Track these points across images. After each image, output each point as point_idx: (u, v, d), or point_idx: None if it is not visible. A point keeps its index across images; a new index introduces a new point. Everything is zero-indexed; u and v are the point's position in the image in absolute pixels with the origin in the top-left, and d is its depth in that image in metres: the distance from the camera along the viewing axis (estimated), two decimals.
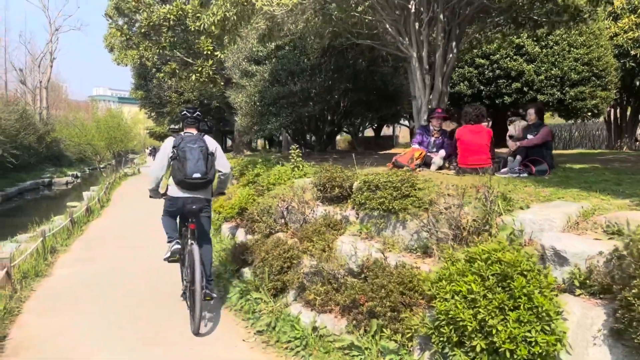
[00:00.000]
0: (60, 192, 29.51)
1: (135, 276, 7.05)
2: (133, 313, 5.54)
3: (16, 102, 33.31)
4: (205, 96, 25.32)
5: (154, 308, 5.71)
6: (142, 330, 5.03)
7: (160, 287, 6.47)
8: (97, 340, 4.75)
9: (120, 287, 6.54)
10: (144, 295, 6.17)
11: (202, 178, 5.04)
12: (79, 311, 5.55)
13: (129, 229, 11.12)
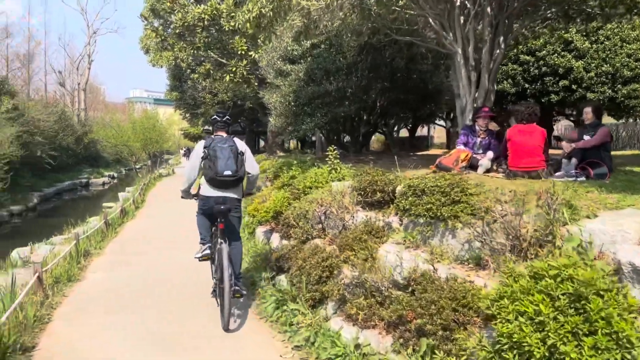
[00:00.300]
0: (97, 193, 29.99)
1: (169, 280, 6.85)
2: (166, 319, 5.31)
3: (55, 104, 34.07)
4: (239, 97, 25.27)
5: (188, 313, 5.47)
6: (177, 339, 4.78)
7: (194, 290, 6.24)
8: (129, 351, 4.52)
9: (154, 291, 6.34)
10: (178, 299, 5.96)
11: (232, 175, 5.22)
12: (111, 318, 5.36)
13: (163, 230, 11.01)
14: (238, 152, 5.36)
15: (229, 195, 5.35)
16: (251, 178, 5.73)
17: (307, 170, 8.54)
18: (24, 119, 21.32)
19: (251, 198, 10.62)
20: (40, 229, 15.18)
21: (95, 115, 47.84)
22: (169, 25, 19.53)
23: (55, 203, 23.58)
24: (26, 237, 13.84)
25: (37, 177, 24.70)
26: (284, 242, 6.98)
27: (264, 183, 12.12)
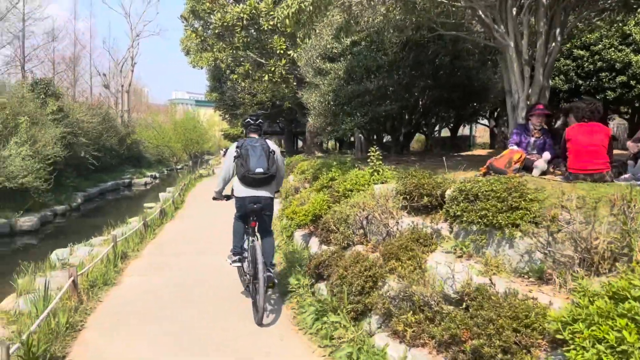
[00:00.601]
0: (139, 193, 30.47)
1: (208, 285, 6.64)
2: (205, 327, 5.06)
3: (99, 105, 34.85)
4: (277, 97, 25.15)
5: (229, 325, 5.21)
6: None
7: (234, 296, 5.99)
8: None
9: (192, 297, 6.14)
10: (217, 307, 5.72)
11: (264, 173, 5.37)
12: (146, 327, 5.15)
13: (202, 232, 10.87)
14: (269, 150, 5.53)
15: (263, 194, 5.51)
16: (278, 177, 5.86)
17: (347, 172, 8.21)
18: (68, 121, 21.79)
19: (289, 200, 10.39)
20: (82, 229, 15.37)
21: (139, 117, 48.84)
22: (208, 27, 19.57)
23: (98, 203, 24.01)
24: (68, 237, 14.02)
25: (82, 177, 25.25)
26: (323, 247, 6.66)
27: (302, 184, 11.85)
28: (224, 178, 5.77)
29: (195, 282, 6.85)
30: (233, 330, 5.10)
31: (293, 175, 13.23)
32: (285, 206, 10.61)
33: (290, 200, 10.36)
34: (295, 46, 15.19)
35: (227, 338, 4.88)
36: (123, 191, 30.74)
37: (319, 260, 5.93)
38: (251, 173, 5.34)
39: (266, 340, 4.82)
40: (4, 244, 13.29)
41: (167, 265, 7.90)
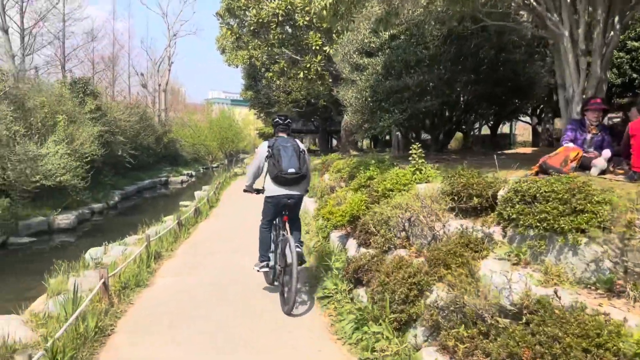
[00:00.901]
0: (175, 191, 30.76)
1: (243, 288, 6.40)
2: (239, 334, 4.80)
3: (137, 104, 35.36)
4: (312, 95, 24.90)
5: (264, 328, 4.94)
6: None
7: (270, 301, 5.73)
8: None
9: (226, 301, 5.90)
10: (253, 313, 5.45)
11: (296, 173, 5.55)
12: (177, 332, 4.92)
13: (236, 231, 10.69)
14: (300, 150, 5.73)
15: (295, 192, 5.73)
16: (308, 176, 6.01)
17: (386, 171, 7.84)
18: (106, 119, 22.06)
19: (325, 200, 10.08)
20: (118, 227, 15.45)
21: (176, 116, 49.47)
22: (243, 24, 19.49)
23: (135, 201, 24.27)
24: (105, 235, 14.10)
25: (119, 175, 25.59)
26: (362, 250, 6.31)
27: (337, 184, 11.53)
28: (254, 174, 5.94)
29: (230, 282, 6.62)
30: (272, 336, 4.82)
31: (328, 174, 12.93)
32: (321, 206, 10.30)
33: (326, 200, 10.04)
34: (331, 42, 14.89)
35: (265, 344, 4.61)
36: (160, 189, 31.09)
37: (357, 264, 5.59)
38: (284, 173, 5.52)
39: (304, 350, 4.52)
40: (43, 241, 13.46)
41: (201, 265, 7.72)
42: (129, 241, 9.90)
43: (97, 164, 19.52)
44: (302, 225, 9.19)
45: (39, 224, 13.94)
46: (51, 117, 16.38)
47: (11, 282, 9.85)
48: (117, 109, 25.42)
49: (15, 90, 14.87)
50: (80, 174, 15.56)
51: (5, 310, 5.90)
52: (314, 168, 15.64)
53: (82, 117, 19.00)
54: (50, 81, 23.46)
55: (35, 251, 12.48)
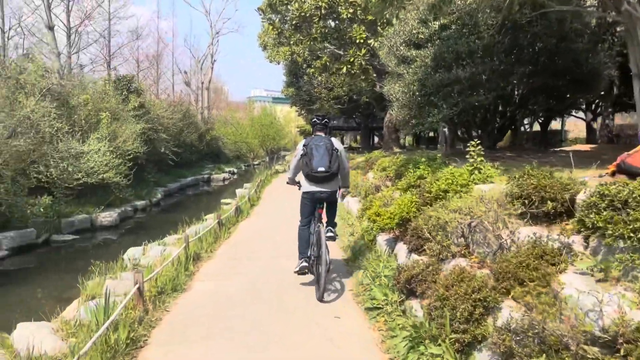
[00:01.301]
0: (217, 188, 30.83)
1: (284, 294, 5.97)
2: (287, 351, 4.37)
3: (180, 102, 35.64)
4: (354, 92, 24.37)
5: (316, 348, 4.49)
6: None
7: (311, 313, 5.27)
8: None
9: (268, 308, 5.48)
10: (304, 329, 5.01)
11: (325, 172, 5.85)
12: (214, 346, 4.52)
13: (278, 230, 10.31)
14: (333, 148, 5.96)
15: (326, 189, 6.04)
16: (342, 174, 6.28)
17: (438, 170, 7.25)
18: (149, 117, 22.15)
19: (370, 200, 9.55)
20: (160, 225, 15.37)
21: (218, 114, 49.83)
22: (285, 20, 19.17)
23: (178, 198, 24.34)
24: (147, 233, 14.03)
25: (162, 173, 25.74)
26: (413, 256, 5.77)
27: (383, 182, 10.98)
28: (295, 169, 6.35)
29: (272, 289, 6.20)
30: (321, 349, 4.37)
31: (373, 173, 12.39)
32: (365, 206, 9.77)
33: (371, 200, 9.51)
34: (376, 35, 14.32)
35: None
36: (202, 186, 31.22)
37: (410, 273, 5.05)
38: (314, 172, 5.87)
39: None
40: (85, 239, 13.46)
41: (241, 268, 7.35)
42: (169, 241, 9.65)
43: (140, 161, 19.58)
44: (346, 226, 8.80)
45: (82, 222, 13.96)
46: (95, 115, 16.47)
47: (53, 280, 9.79)
48: (160, 107, 25.53)
49: (59, 88, 14.99)
50: (122, 171, 15.52)
51: (42, 312, 5.69)
52: (357, 166, 15.13)
53: (125, 115, 19.09)
54: (95, 78, 23.76)
55: (78, 249, 12.47)
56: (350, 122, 36.49)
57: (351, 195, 12.91)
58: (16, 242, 11.06)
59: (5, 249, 10.76)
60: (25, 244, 11.38)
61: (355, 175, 13.74)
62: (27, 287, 9.19)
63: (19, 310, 7.75)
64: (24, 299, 8.60)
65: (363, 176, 13.21)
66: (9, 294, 8.81)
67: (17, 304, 8.26)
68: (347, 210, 12.19)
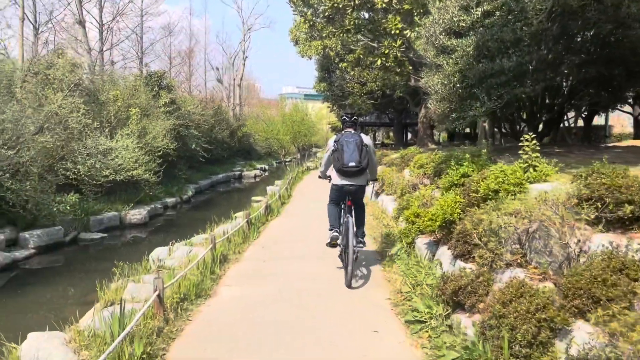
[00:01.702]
0: (248, 185, 30.62)
1: (315, 303, 5.48)
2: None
3: (212, 99, 35.56)
4: (387, 86, 23.64)
5: None
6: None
7: (349, 325, 4.77)
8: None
9: (298, 319, 5.01)
10: (331, 338, 4.51)
11: (355, 166, 6.07)
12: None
13: (309, 231, 9.84)
14: (362, 144, 6.18)
15: (356, 182, 6.26)
16: (371, 168, 6.50)
17: (484, 167, 6.64)
18: (180, 113, 21.97)
19: (406, 199, 9.00)
20: (190, 222, 15.14)
21: (250, 111, 49.72)
22: (318, 14, 18.67)
23: (209, 195, 24.11)
24: (177, 231, 13.79)
25: (193, 169, 25.61)
26: (459, 263, 5.20)
27: (420, 180, 10.38)
28: (326, 164, 6.70)
29: (303, 296, 5.73)
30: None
31: (409, 170, 11.77)
32: (402, 205, 9.21)
33: (408, 199, 8.94)
34: (412, 25, 13.64)
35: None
36: (233, 183, 31.04)
37: (457, 284, 4.49)
38: (345, 167, 6.09)
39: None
40: (114, 237, 13.25)
41: (270, 272, 6.89)
42: (196, 240, 9.28)
43: (171, 158, 19.41)
44: (381, 226, 8.29)
45: (111, 219, 13.72)
46: (124, 111, 16.32)
47: (77, 280, 9.56)
48: (191, 103, 25.35)
49: (88, 84, 14.87)
50: (152, 168, 15.27)
51: (61, 318, 5.36)
52: (392, 163, 14.53)
53: (156, 111, 18.94)
54: (126, 74, 23.71)
55: (106, 247, 12.23)
56: (382, 117, 35.69)
57: (386, 194, 12.35)
58: (43, 241, 10.84)
59: (31, 247, 10.56)
60: (52, 242, 11.16)
61: (390, 172, 13.15)
62: (50, 288, 8.94)
63: (37, 315, 7.50)
64: (45, 302, 8.36)
65: (398, 174, 12.61)
66: (30, 295, 8.57)
67: (37, 307, 8.00)
68: (381, 209, 11.63)
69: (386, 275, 6.58)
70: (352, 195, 6.37)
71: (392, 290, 5.93)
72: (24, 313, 7.74)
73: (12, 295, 8.57)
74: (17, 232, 10.70)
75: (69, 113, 12.21)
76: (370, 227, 9.90)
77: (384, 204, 11.80)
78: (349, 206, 6.43)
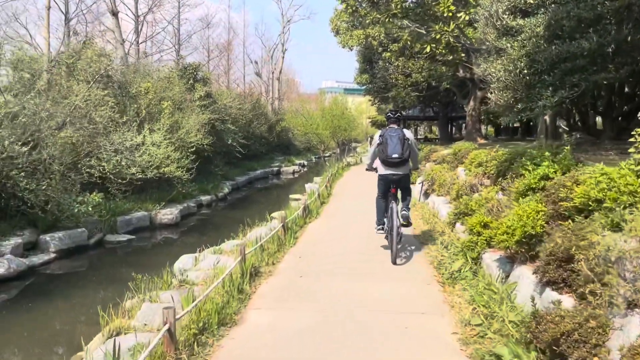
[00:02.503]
0: (287, 181, 29.79)
1: (366, 337, 4.42)
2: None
3: (250, 92, 34.83)
4: (434, 77, 22.27)
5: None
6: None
7: None
8: None
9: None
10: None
11: (398, 158, 6.81)
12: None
13: (352, 238, 8.76)
14: (404, 138, 6.86)
15: (399, 172, 6.99)
16: (413, 159, 7.19)
17: (571, 168, 5.41)
18: (216, 107, 21.17)
19: (465, 202, 7.83)
20: (224, 222, 14.31)
21: (290, 105, 48.84)
22: (360, 3, 17.55)
23: (246, 192, 23.25)
24: (209, 232, 12.96)
25: (231, 165, 24.86)
26: (550, 294, 4.01)
27: (479, 180, 9.14)
28: (372, 157, 7.34)
29: (349, 329, 4.67)
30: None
31: (464, 168, 10.51)
32: (459, 209, 8.03)
33: (467, 203, 7.76)
34: (467, 6, 12.34)
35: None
36: (271, 179, 30.23)
37: (559, 329, 3.32)
38: (389, 158, 6.81)
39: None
40: (143, 238, 12.39)
41: (308, 290, 5.85)
42: (226, 247, 8.31)
43: (207, 154, 18.66)
44: (435, 233, 7.44)
45: (140, 220, 12.85)
46: (156, 104, 15.56)
47: (97, 289, 8.76)
48: (227, 96, 24.52)
49: (120, 77, 14.18)
50: (185, 164, 14.44)
51: (68, 340, 4.50)
52: (443, 160, 13.25)
53: (191, 105, 18.18)
54: (160, 66, 23.03)
55: (135, 250, 11.37)
56: (426, 111, 34.12)
57: (437, 194, 11.13)
58: (65, 244, 9.99)
59: (52, 251, 9.77)
60: (75, 245, 10.29)
61: (440, 170, 11.90)
62: (63, 301, 8.00)
63: (39, 339, 6.56)
64: (54, 318, 7.43)
65: (451, 172, 11.35)
66: (40, 309, 7.63)
67: (42, 327, 7.03)
68: (432, 212, 10.43)
69: (447, 299, 5.44)
70: (395, 183, 7.10)
71: (457, 320, 4.78)
72: (26, 335, 6.79)
73: (18, 310, 7.62)
74: (37, 234, 9.95)
75: (94, 106, 11.45)
76: (421, 233, 8.75)
77: (435, 206, 10.59)
78: (393, 194, 7.17)
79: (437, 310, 5.11)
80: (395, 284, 5.98)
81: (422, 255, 7.32)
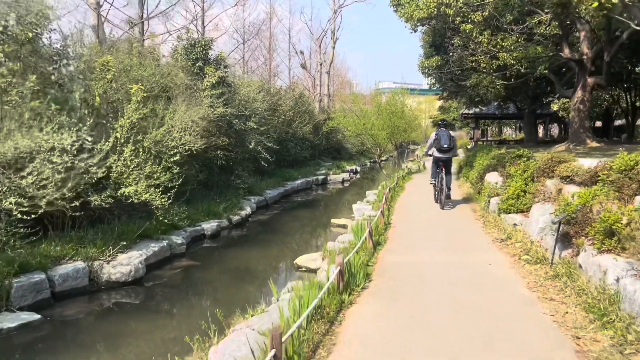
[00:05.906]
0: (334, 192, 24.67)
1: None
2: None
3: (292, 87, 29.83)
4: (529, 59, 16.50)
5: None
6: None
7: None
8: None
9: None
10: None
11: (448, 147, 11.53)
12: None
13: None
14: (450, 136, 11.66)
15: (446, 155, 11.72)
16: (454, 149, 11.89)
17: None
18: (235, 98, 15.93)
19: None
20: (220, 280, 9.20)
21: (342, 106, 43.58)
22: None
23: (276, 210, 17.22)
24: (178, 308, 7.91)
25: (262, 174, 19.89)
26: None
27: None
28: (429, 147, 12.11)
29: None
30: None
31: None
32: None
33: None
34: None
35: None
36: (315, 190, 24.94)
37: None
38: (442, 147, 11.51)
39: None
40: (58, 320, 7.10)
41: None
42: None
43: (220, 162, 13.79)
44: None
45: (69, 277, 7.45)
46: (122, 90, 10.56)
47: None
48: (248, 86, 18.95)
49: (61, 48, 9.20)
50: (163, 180, 9.33)
51: None
52: (595, 178, 7.65)
53: (198, 95, 13.30)
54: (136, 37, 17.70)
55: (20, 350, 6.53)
56: (506, 107, 28.02)
57: (598, 248, 5.60)
58: None
59: None
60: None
61: (596, 200, 6.34)
62: None
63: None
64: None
65: (621, 202, 5.79)
66: None
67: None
68: (598, 288, 4.96)
69: None
70: (444, 163, 11.73)
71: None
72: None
73: None
74: None
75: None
76: None
77: (604, 276, 5.09)
78: (442, 169, 11.74)
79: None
80: None
81: None
